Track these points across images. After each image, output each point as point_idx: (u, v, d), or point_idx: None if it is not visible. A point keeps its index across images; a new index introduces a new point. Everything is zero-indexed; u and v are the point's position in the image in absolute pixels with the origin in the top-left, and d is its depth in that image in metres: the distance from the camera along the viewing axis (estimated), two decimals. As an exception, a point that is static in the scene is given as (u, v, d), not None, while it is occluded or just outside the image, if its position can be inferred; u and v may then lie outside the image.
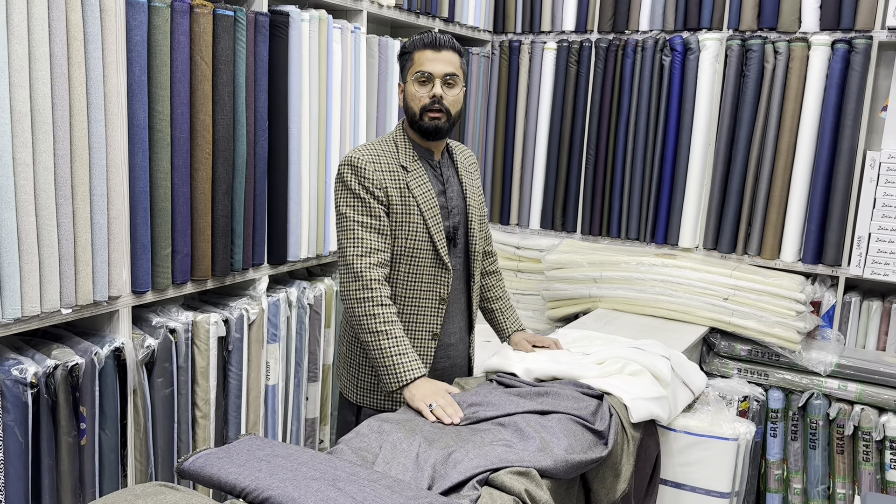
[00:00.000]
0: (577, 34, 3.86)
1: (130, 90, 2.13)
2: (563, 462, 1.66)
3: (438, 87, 2.05)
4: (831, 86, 3.23)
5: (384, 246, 2.05)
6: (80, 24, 1.96)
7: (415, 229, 2.08)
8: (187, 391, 2.41)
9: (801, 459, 3.17)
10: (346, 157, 2.07)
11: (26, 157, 1.87)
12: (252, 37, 2.48)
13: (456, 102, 2.09)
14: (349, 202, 2.04)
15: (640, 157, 3.67)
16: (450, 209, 2.16)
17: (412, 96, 2.08)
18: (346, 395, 2.24)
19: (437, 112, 2.06)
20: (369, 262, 2.01)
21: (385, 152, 2.09)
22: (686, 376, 2.37)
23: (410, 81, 2.08)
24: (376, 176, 2.04)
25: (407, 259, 2.09)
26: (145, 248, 2.23)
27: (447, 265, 2.13)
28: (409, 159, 2.10)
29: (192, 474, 1.55)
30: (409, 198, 2.07)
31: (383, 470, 1.59)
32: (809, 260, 3.35)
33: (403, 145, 2.12)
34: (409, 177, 2.08)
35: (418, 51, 2.07)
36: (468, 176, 2.25)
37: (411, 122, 2.11)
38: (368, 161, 2.05)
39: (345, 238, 2.05)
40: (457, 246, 2.19)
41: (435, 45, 2.06)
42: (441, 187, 2.16)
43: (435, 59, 2.05)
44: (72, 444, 2.06)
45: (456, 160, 2.24)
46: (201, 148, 2.34)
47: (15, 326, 1.94)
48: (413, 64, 2.08)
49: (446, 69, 2.06)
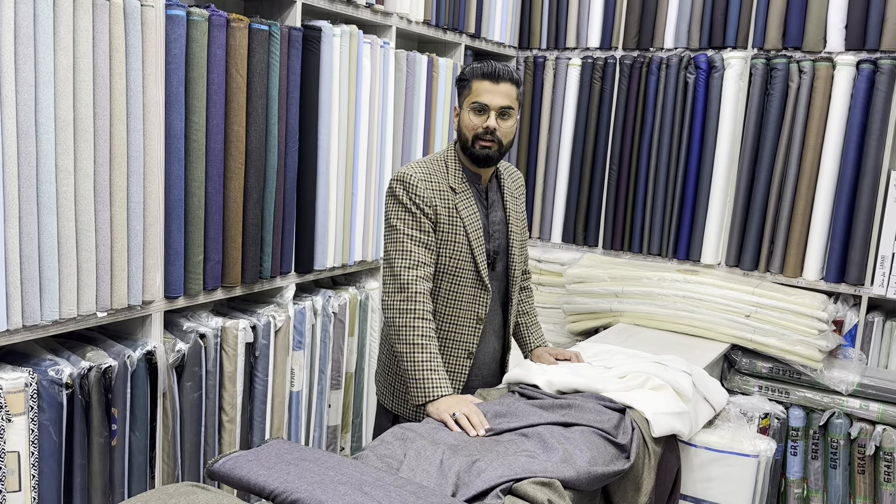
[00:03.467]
0: (602, 51, 3.89)
1: (168, 101, 2.19)
2: (585, 474, 1.68)
3: (493, 119, 2.07)
4: (856, 105, 3.23)
5: (430, 260, 2.08)
6: (123, 36, 2.03)
7: (459, 249, 2.12)
8: (215, 395, 2.45)
9: (821, 479, 3.16)
10: (399, 172, 2.11)
11: (68, 164, 1.93)
12: (286, 51, 2.54)
13: (509, 133, 2.11)
14: (400, 215, 2.08)
15: (663, 173, 3.69)
16: (491, 233, 2.20)
17: (466, 124, 2.10)
18: (383, 402, 2.28)
19: (488, 141, 2.08)
20: (416, 275, 2.04)
21: (436, 172, 2.12)
22: (707, 392, 2.38)
23: (466, 109, 2.10)
24: (427, 193, 2.07)
25: (449, 278, 2.13)
26: (179, 254, 2.28)
27: (487, 286, 2.16)
28: (458, 181, 2.14)
29: (222, 476, 1.58)
30: (456, 219, 2.11)
31: (408, 476, 1.62)
32: (832, 279, 3.34)
33: (454, 167, 2.15)
34: (457, 198, 2.11)
35: (477, 80, 2.08)
36: (513, 200, 2.29)
37: (463, 147, 2.14)
38: (420, 178, 2.08)
39: (394, 250, 2.07)
40: (495, 269, 2.22)
41: (494, 77, 2.06)
42: (485, 211, 2.20)
43: (492, 90, 2.06)
44: (103, 445, 2.11)
45: (503, 184, 2.27)
46: (234, 158, 2.39)
47: (53, 328, 2.00)
48: (471, 93, 2.09)
49: (503, 102, 2.07)
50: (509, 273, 2.26)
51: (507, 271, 2.26)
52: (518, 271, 2.28)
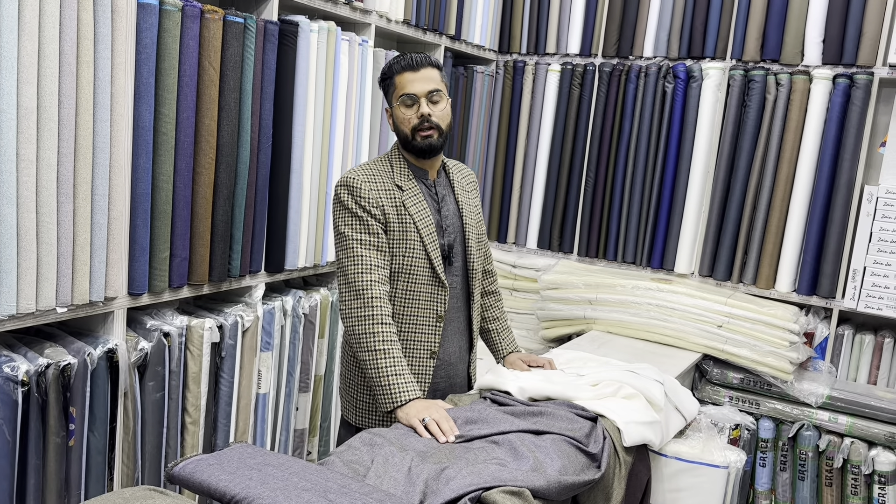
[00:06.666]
0: (582, 57, 3.89)
1: (137, 92, 2.13)
2: (556, 483, 1.65)
3: (424, 105, 2.06)
4: (831, 119, 3.26)
5: (384, 263, 2.05)
6: (91, 23, 1.96)
7: (412, 247, 2.08)
8: (178, 396, 2.39)
9: (789, 490, 3.17)
10: (342, 178, 2.08)
11: (30, 153, 1.87)
12: (261, 45, 2.49)
13: (444, 117, 2.10)
14: (347, 221, 2.05)
15: (639, 181, 3.69)
16: (445, 227, 2.16)
17: (401, 119, 2.09)
18: (346, 416, 2.23)
19: (427, 130, 2.07)
20: (371, 279, 2.00)
21: (380, 172, 2.10)
22: (679, 402, 2.36)
23: (396, 105, 2.09)
24: (372, 195, 2.05)
25: (404, 277, 2.09)
26: (144, 250, 2.22)
27: (444, 282, 2.12)
28: (404, 178, 2.11)
29: (181, 480, 1.53)
30: (405, 216, 2.07)
31: (375, 483, 1.58)
32: (804, 291, 3.36)
33: (398, 165, 2.13)
34: (404, 195, 2.09)
35: (398, 74, 2.08)
36: (464, 194, 2.26)
37: (404, 144, 2.12)
38: (364, 181, 2.06)
39: (345, 257, 2.04)
40: (453, 264, 2.18)
41: (413, 66, 2.07)
42: (436, 206, 2.17)
43: (415, 79, 2.06)
44: (60, 445, 2.04)
45: (452, 179, 2.24)
46: (205, 153, 2.34)
47: (9, 323, 1.92)
48: (395, 88, 2.09)
49: (428, 87, 2.07)
50: (468, 268, 2.22)
51: (466, 266, 2.22)
52: (478, 266, 2.24)
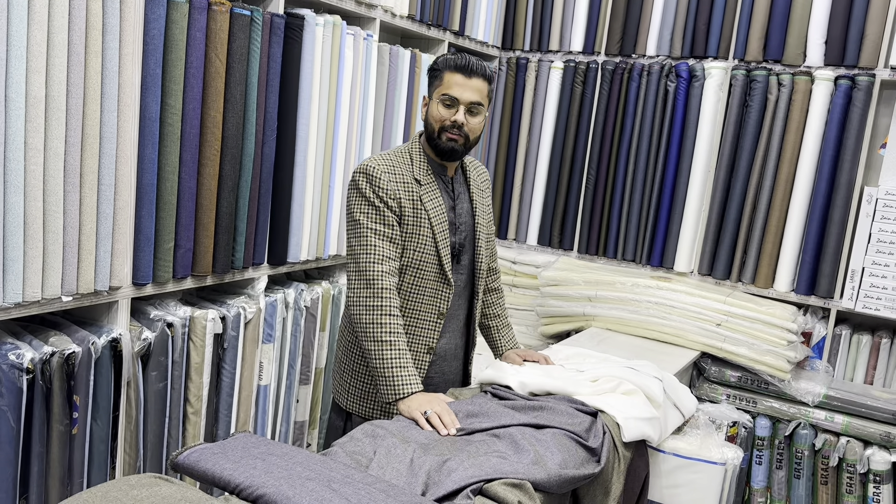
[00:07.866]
0: (585, 55, 3.90)
1: (144, 83, 2.14)
2: (556, 476, 1.67)
3: (462, 113, 2.04)
4: (832, 120, 3.27)
5: (396, 255, 2.04)
6: (100, 14, 1.97)
7: (423, 242, 2.08)
8: (180, 386, 2.40)
9: (784, 488, 3.19)
10: (362, 165, 2.06)
11: (38, 142, 1.87)
12: (267, 37, 2.50)
13: (476, 129, 2.08)
14: (363, 209, 2.04)
15: (640, 179, 3.71)
16: (457, 225, 2.17)
17: (434, 115, 2.07)
18: (338, 399, 2.24)
19: (455, 135, 2.05)
20: (382, 270, 2.00)
21: (400, 164, 2.09)
22: (677, 399, 2.38)
23: (436, 100, 2.07)
24: (390, 186, 2.03)
25: (412, 271, 2.10)
26: (149, 240, 2.23)
27: (450, 280, 2.13)
28: (422, 173, 2.10)
29: (186, 468, 1.54)
30: (420, 211, 2.07)
31: (377, 474, 1.59)
32: (802, 291, 3.38)
33: (418, 158, 2.12)
34: (421, 190, 2.08)
35: (449, 71, 2.04)
36: (479, 193, 2.26)
37: (429, 138, 2.11)
38: (383, 171, 2.04)
39: (358, 245, 2.03)
40: (461, 262, 2.19)
41: (466, 70, 2.03)
42: (451, 203, 2.16)
43: (464, 84, 2.03)
44: (63, 433, 2.05)
45: (469, 177, 2.24)
46: (210, 144, 2.35)
47: (15, 311, 1.93)
48: (441, 84, 2.06)
49: (473, 97, 2.04)
50: (475, 266, 2.23)
51: (473, 264, 2.23)
52: (484, 265, 2.25)
